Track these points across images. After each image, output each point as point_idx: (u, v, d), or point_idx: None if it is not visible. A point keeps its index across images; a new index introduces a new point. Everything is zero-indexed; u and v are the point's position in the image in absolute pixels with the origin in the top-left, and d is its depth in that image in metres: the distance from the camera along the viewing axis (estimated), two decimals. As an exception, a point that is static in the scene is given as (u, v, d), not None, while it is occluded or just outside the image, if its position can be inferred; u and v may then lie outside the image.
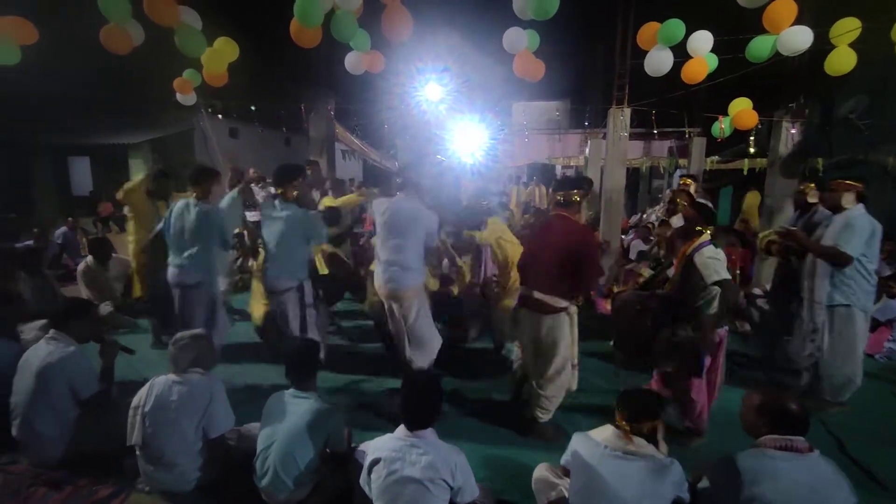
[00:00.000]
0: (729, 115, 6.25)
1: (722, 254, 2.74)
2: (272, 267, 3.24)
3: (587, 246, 2.82)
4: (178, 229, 3.40)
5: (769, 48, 4.36)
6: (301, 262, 3.28)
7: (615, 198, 6.69)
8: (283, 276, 3.21)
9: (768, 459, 1.70)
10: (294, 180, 3.24)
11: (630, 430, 1.86)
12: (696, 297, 2.75)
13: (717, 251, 2.74)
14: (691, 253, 2.77)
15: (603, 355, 4.21)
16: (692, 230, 2.87)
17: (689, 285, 2.78)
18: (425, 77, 6.60)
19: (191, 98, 6.14)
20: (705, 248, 2.74)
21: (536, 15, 4.10)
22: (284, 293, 3.24)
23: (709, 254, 2.70)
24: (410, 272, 3.06)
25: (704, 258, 2.68)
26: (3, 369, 2.65)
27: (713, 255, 2.70)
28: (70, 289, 5.59)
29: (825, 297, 3.22)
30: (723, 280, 2.62)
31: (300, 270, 3.27)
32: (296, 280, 3.26)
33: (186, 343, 2.40)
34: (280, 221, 3.17)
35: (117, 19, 4.28)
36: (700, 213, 2.92)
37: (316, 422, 2.18)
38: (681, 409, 2.92)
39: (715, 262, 2.66)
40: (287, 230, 3.18)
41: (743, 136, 8.74)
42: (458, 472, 1.89)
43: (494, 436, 3.03)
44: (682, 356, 2.70)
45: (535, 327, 2.85)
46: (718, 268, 2.64)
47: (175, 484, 2.32)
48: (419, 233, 3.06)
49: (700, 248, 2.74)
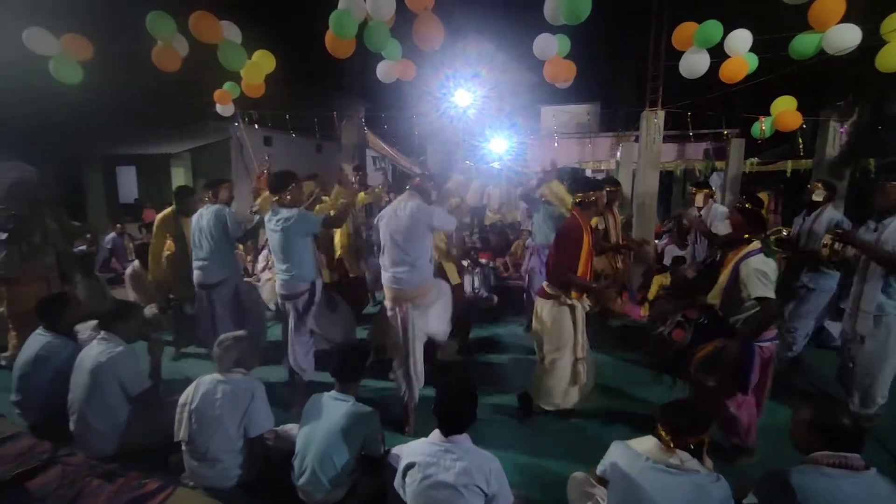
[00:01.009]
0: (771, 116, 5.99)
1: (772, 265, 2.52)
2: (283, 272, 3.32)
3: (562, 235, 3.11)
4: (196, 233, 3.72)
5: (814, 46, 4.17)
6: (309, 263, 3.34)
7: (648, 202, 6.53)
8: (294, 279, 3.28)
9: (823, 477, 1.61)
10: (287, 187, 3.31)
11: (674, 443, 1.80)
12: (737, 309, 2.61)
13: (768, 262, 2.51)
14: (738, 262, 2.60)
15: (643, 363, 4.12)
16: (739, 237, 2.69)
17: (731, 297, 2.63)
18: (455, 83, 6.66)
19: (229, 109, 6.40)
20: (753, 257, 2.55)
21: (568, 20, 4.07)
22: (299, 296, 3.32)
23: (756, 264, 2.50)
24: (416, 271, 3.03)
25: (752, 268, 2.51)
26: (64, 367, 2.84)
27: (761, 265, 2.49)
28: (119, 291, 5.91)
29: (874, 305, 3.03)
30: (764, 297, 2.45)
31: (309, 271, 3.33)
32: (307, 282, 3.33)
33: (230, 344, 2.50)
34: (280, 226, 3.22)
35: (164, 38, 4.53)
36: (747, 219, 2.70)
37: (353, 425, 2.22)
38: (725, 426, 2.75)
39: (762, 276, 2.47)
40: (289, 233, 3.22)
41: (785, 137, 8.38)
42: (492, 479, 1.89)
43: (529, 443, 3.01)
44: (724, 370, 2.56)
45: (537, 311, 3.19)
46: (764, 282, 2.46)
47: (217, 480, 2.41)
48: (420, 230, 3.01)
49: (747, 258, 2.57)
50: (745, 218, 2.71)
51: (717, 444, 2.82)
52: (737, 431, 2.72)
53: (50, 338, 2.98)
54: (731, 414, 2.67)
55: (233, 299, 3.85)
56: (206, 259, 3.73)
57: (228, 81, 5.98)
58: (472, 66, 7.18)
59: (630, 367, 4.15)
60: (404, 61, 5.16)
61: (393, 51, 4.88)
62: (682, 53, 4.62)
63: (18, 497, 2.38)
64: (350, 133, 8.75)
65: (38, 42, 4.39)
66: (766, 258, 2.53)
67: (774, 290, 2.50)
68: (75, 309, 3.12)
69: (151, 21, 4.43)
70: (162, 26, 4.49)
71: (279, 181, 3.34)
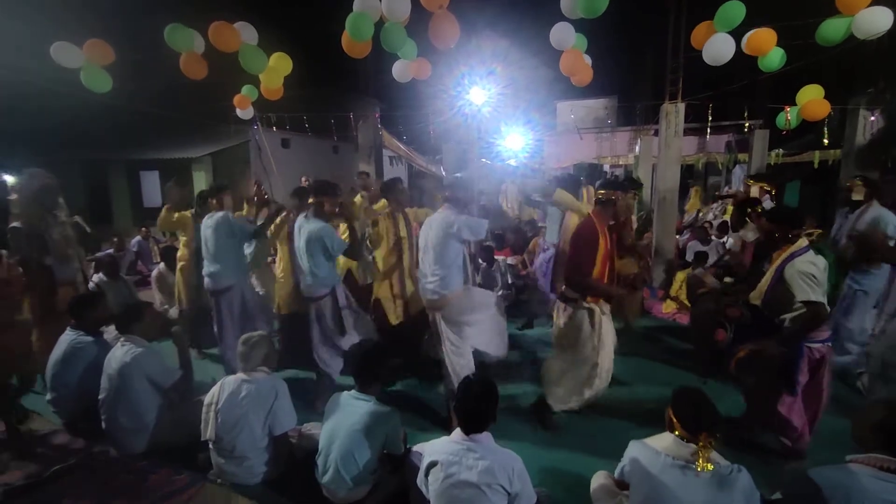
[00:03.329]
0: (797, 105, 5.80)
1: (822, 263, 2.41)
2: (305, 277, 3.40)
3: (577, 238, 3.01)
4: (204, 241, 3.74)
5: (843, 31, 4.02)
6: (328, 270, 3.40)
7: (669, 197, 6.40)
8: (316, 284, 3.36)
9: (876, 479, 1.57)
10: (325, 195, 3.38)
11: (689, 438, 1.77)
12: (782, 310, 2.51)
13: (816, 260, 2.41)
14: (783, 263, 2.49)
15: (664, 360, 4.07)
16: (783, 238, 2.56)
17: (775, 299, 2.53)
18: (470, 81, 6.62)
19: (248, 112, 6.51)
20: (800, 256, 2.43)
21: (586, 13, 4.02)
22: (319, 299, 3.39)
23: (801, 266, 2.40)
24: (443, 281, 3.08)
25: (795, 270, 2.40)
26: (93, 365, 2.93)
27: (806, 267, 2.39)
28: (145, 293, 6.08)
29: None
30: (813, 302, 2.36)
31: (329, 278, 3.39)
32: (327, 287, 3.39)
33: (257, 342, 2.55)
34: (305, 237, 3.33)
35: (183, 48, 4.64)
36: (782, 221, 2.58)
37: (374, 424, 2.24)
38: (776, 427, 2.66)
39: (808, 278, 2.37)
40: (309, 243, 3.31)
41: (810, 127, 8.12)
42: (515, 478, 1.88)
43: (552, 442, 2.99)
44: (769, 371, 2.49)
45: (557, 315, 3.14)
46: (810, 284, 2.36)
47: (244, 477, 2.46)
48: (449, 241, 3.06)
49: (792, 259, 2.45)
50: (779, 219, 2.60)
51: (765, 444, 2.76)
52: (787, 434, 2.63)
53: (78, 336, 3.07)
54: (781, 416, 2.57)
55: (241, 305, 3.84)
56: (214, 267, 3.72)
57: (247, 85, 6.08)
58: (487, 63, 7.12)
59: (651, 365, 4.08)
60: (420, 60, 5.16)
61: (409, 50, 4.88)
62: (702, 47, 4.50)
63: (55, 493, 2.47)
64: (366, 133, 8.80)
65: (64, 56, 4.55)
66: (815, 256, 2.44)
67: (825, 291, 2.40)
68: (103, 309, 3.21)
69: (169, 34, 4.55)
70: (180, 38, 4.60)
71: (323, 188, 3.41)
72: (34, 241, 3.51)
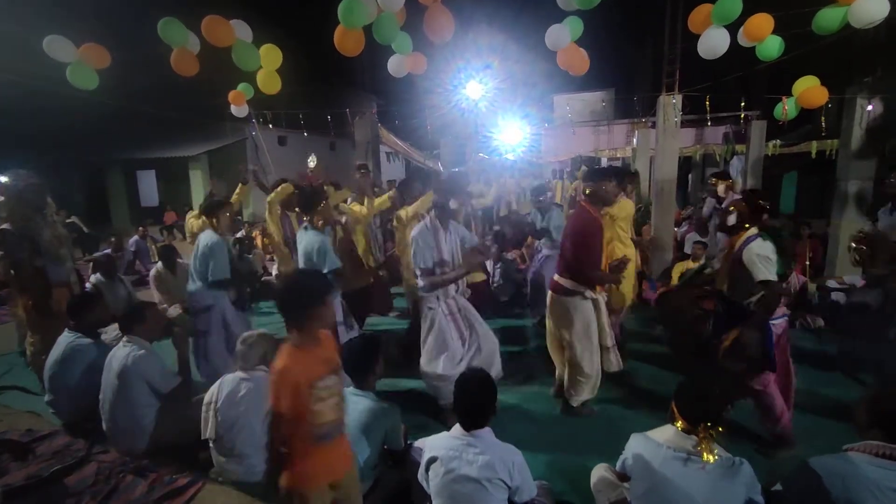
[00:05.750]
0: (793, 95, 5.78)
1: (770, 248, 2.58)
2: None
3: (581, 230, 2.99)
4: (193, 256, 3.52)
5: (839, 20, 4.00)
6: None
7: (667, 189, 6.38)
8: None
9: (873, 467, 1.58)
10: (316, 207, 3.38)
11: (690, 429, 1.77)
12: (746, 292, 2.64)
13: (764, 245, 2.58)
14: (739, 249, 2.64)
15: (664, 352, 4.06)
16: (739, 225, 2.73)
17: (739, 283, 2.67)
18: (466, 75, 6.59)
19: (244, 110, 6.47)
20: (753, 242, 2.60)
21: (581, 4, 3.99)
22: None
23: (758, 250, 2.57)
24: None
25: (753, 253, 2.56)
26: (92, 366, 2.93)
27: (763, 250, 2.56)
28: (143, 293, 6.07)
29: None
30: (766, 280, 2.52)
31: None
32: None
33: (255, 341, 2.55)
34: (303, 249, 3.33)
35: (176, 43, 4.59)
36: (747, 205, 2.75)
37: (373, 421, 2.23)
38: (762, 413, 2.74)
39: (764, 260, 2.54)
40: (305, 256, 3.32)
41: (808, 118, 8.11)
42: (515, 472, 1.88)
43: (552, 436, 2.99)
44: (751, 354, 2.55)
45: (557, 309, 3.11)
46: (768, 266, 2.53)
47: (244, 475, 2.46)
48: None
49: (748, 243, 2.61)
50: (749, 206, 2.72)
51: (758, 434, 2.81)
52: (771, 415, 2.69)
53: (76, 337, 3.07)
54: (765, 396, 2.65)
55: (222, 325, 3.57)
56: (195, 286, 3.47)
57: (243, 83, 6.04)
58: (484, 58, 7.09)
59: (652, 358, 4.09)
60: (415, 55, 5.12)
61: (404, 44, 4.84)
62: (699, 36, 4.47)
63: (56, 493, 2.48)
64: (363, 129, 8.75)
65: (57, 49, 4.49)
66: (763, 241, 2.60)
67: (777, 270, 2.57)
68: (101, 310, 3.20)
69: (163, 28, 4.50)
70: (173, 32, 4.55)
71: (308, 201, 3.38)
72: (25, 243, 3.46)
